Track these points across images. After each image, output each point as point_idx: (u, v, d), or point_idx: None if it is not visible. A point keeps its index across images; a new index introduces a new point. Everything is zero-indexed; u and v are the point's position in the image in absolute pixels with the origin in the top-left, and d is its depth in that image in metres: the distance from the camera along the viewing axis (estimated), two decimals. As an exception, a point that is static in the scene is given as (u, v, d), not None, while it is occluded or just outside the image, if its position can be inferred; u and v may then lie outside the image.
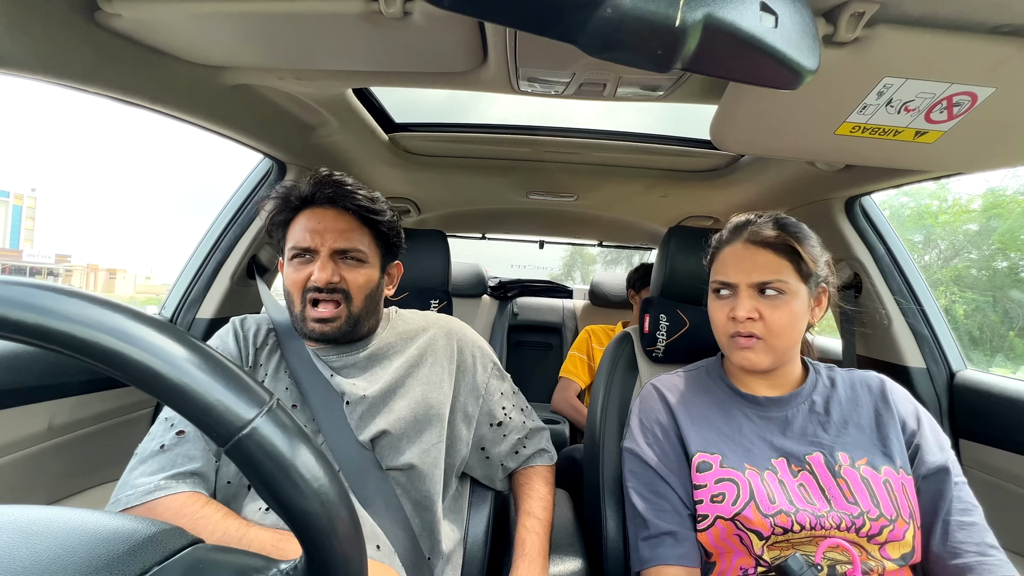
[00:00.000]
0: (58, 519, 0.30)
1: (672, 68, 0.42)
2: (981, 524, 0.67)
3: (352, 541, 0.30)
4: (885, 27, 0.58)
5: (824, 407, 0.75)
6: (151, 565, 0.28)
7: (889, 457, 0.70)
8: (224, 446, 0.27)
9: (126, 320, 0.27)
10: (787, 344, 0.73)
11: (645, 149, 1.32)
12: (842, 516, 0.66)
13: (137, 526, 0.31)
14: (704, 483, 0.72)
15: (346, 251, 0.74)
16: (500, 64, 0.81)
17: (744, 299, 0.73)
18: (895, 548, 0.66)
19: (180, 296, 1.24)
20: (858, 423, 0.74)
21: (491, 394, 0.86)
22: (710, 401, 0.80)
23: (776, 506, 0.67)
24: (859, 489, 0.68)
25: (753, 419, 0.76)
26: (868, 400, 0.76)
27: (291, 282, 0.74)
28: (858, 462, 0.70)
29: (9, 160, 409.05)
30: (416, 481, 0.74)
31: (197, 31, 0.75)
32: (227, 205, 1.31)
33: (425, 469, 0.74)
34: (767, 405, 0.77)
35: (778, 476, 0.71)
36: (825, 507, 0.67)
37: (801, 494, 0.69)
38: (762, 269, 0.73)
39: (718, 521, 0.69)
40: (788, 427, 0.75)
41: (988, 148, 0.79)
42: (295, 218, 0.76)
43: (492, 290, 2.70)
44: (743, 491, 0.69)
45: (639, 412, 0.83)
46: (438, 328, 0.85)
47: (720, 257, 0.79)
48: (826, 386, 0.78)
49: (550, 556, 0.82)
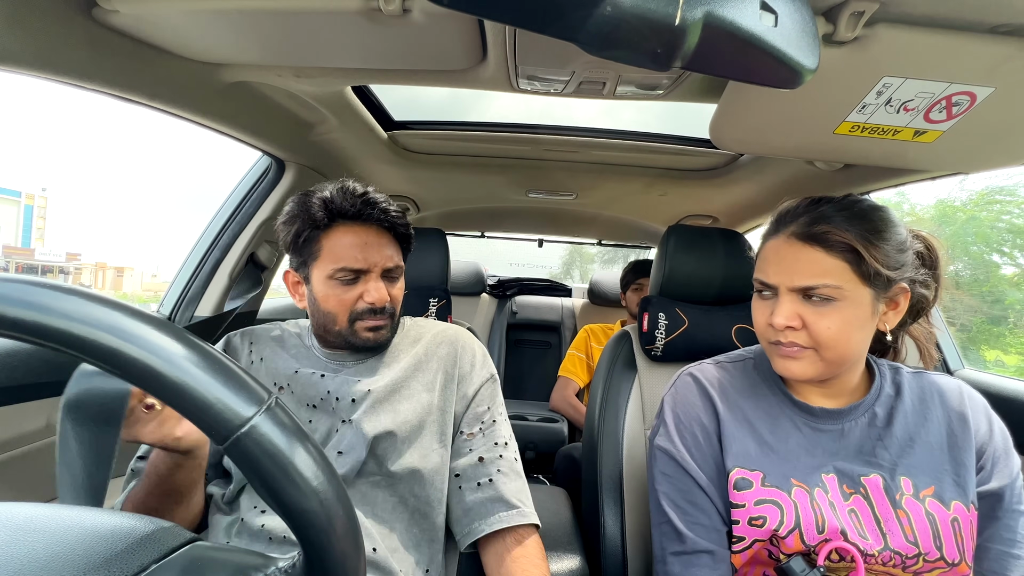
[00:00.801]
0: (56, 517, 0.30)
1: (672, 67, 0.42)
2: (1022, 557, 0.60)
3: (350, 539, 0.30)
4: (885, 26, 0.58)
5: (886, 419, 0.64)
6: (149, 563, 0.28)
7: (962, 488, 0.60)
8: (223, 444, 0.27)
9: (124, 318, 0.27)
10: (841, 355, 0.61)
11: (644, 148, 1.32)
12: (894, 555, 0.58)
13: (135, 523, 0.31)
14: (743, 503, 0.63)
15: (391, 270, 0.76)
16: (499, 62, 0.81)
17: (784, 304, 0.61)
18: None
19: (178, 294, 1.23)
20: (927, 441, 0.62)
21: (479, 403, 0.80)
22: (755, 404, 0.69)
23: (822, 535, 0.59)
24: (921, 526, 0.58)
25: (803, 429, 0.66)
26: (941, 413, 0.64)
27: (337, 302, 0.73)
28: (923, 492, 0.60)
29: (20, 160, 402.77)
30: (416, 487, 0.73)
31: (195, 28, 0.74)
32: (226, 203, 1.31)
33: (426, 474, 0.73)
34: (821, 416, 0.66)
35: (828, 496, 0.61)
36: (879, 543, 0.58)
37: (852, 522, 0.59)
38: (806, 271, 0.60)
39: (755, 543, 0.62)
40: (843, 441, 0.64)
41: (987, 148, 0.79)
42: (326, 234, 0.73)
43: (491, 289, 2.70)
44: (788, 516, 0.60)
45: (674, 406, 0.72)
46: (444, 335, 0.84)
47: (763, 252, 0.67)
48: (890, 395, 0.66)
49: (547, 554, 0.82)
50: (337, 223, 0.73)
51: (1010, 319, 3.16)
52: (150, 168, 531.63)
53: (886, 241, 0.60)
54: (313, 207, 0.72)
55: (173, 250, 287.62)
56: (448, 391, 0.78)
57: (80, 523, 0.29)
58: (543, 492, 1.16)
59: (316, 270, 0.73)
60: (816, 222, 0.61)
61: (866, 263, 0.58)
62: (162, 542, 0.30)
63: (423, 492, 0.73)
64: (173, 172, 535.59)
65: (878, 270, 0.59)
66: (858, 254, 0.59)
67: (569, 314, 2.57)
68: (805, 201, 0.65)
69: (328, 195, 0.72)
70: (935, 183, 1.11)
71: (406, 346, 0.82)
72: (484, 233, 2.58)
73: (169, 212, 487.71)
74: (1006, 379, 1.12)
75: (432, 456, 0.74)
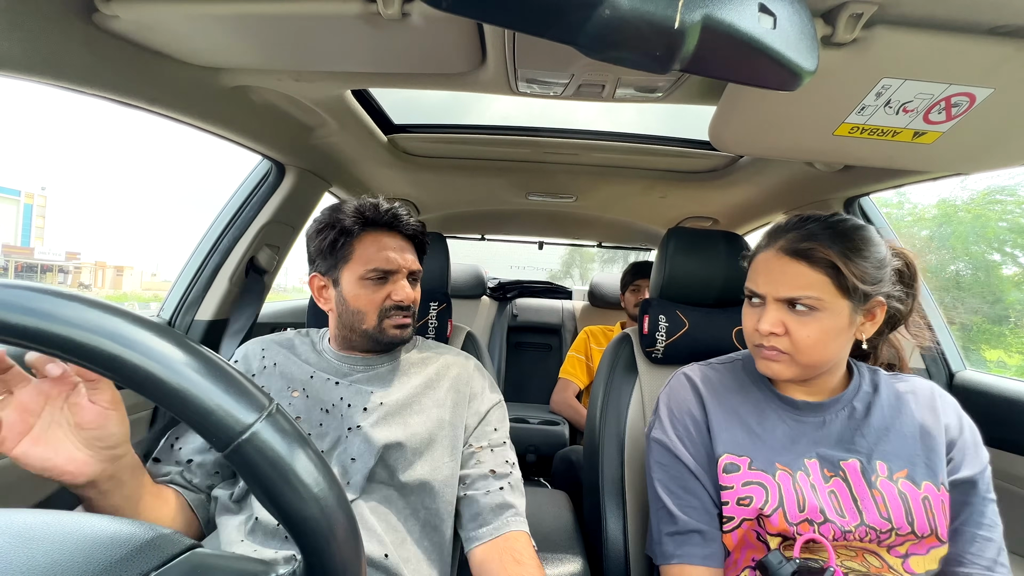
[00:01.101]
0: (55, 523, 0.30)
1: (671, 69, 0.42)
2: (998, 543, 0.66)
3: (351, 545, 0.30)
4: (883, 28, 0.58)
5: (864, 412, 0.71)
6: (149, 570, 0.28)
7: (932, 471, 0.66)
8: (224, 451, 0.27)
9: (125, 324, 0.27)
10: (817, 360, 0.68)
11: (644, 150, 1.32)
12: (870, 530, 0.64)
13: (135, 530, 0.30)
14: (731, 485, 0.69)
15: (415, 272, 0.84)
16: (499, 65, 0.81)
17: (771, 312, 0.68)
18: (920, 563, 0.64)
19: (179, 298, 1.23)
20: (901, 431, 0.69)
21: (489, 422, 0.84)
22: (743, 399, 0.76)
23: (803, 514, 0.65)
24: (894, 503, 0.64)
25: (787, 421, 0.73)
26: (914, 408, 0.71)
27: (367, 301, 0.79)
28: (897, 474, 0.66)
29: (19, 159, 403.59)
30: (427, 499, 0.74)
31: (195, 32, 0.75)
32: (226, 206, 1.31)
33: (436, 486, 0.74)
34: (804, 409, 0.73)
35: (810, 479, 0.67)
36: (855, 519, 0.64)
37: (831, 502, 0.66)
38: (791, 283, 0.66)
39: (744, 523, 0.68)
40: (825, 432, 0.71)
41: (986, 148, 0.79)
42: (359, 239, 0.80)
43: (491, 291, 2.70)
44: (772, 495, 0.67)
45: (669, 402, 0.80)
46: (456, 360, 0.88)
47: (754, 263, 0.73)
48: (868, 392, 0.73)
49: (549, 558, 0.82)
50: (368, 231, 0.80)
51: (1011, 319, 3.17)
52: (149, 167, 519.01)
53: (865, 259, 0.66)
54: (346, 216, 0.79)
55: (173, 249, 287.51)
56: (459, 408, 0.82)
57: (79, 530, 0.29)
58: (544, 495, 1.16)
59: (347, 272, 0.80)
60: (803, 239, 0.67)
61: (845, 278, 0.64)
62: (161, 549, 0.30)
63: (433, 504, 0.74)
64: (173, 170, 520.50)
65: (856, 285, 0.65)
66: (838, 269, 0.65)
67: (569, 316, 2.56)
68: (795, 218, 0.72)
69: (360, 206, 0.80)
70: (936, 183, 1.11)
71: (417, 363, 0.85)
72: (484, 236, 2.59)
73: (169, 211, 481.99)
74: (1005, 380, 1.12)
75: (443, 469, 0.76)
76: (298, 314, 1.74)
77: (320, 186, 1.46)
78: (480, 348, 1.11)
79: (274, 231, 1.34)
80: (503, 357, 2.41)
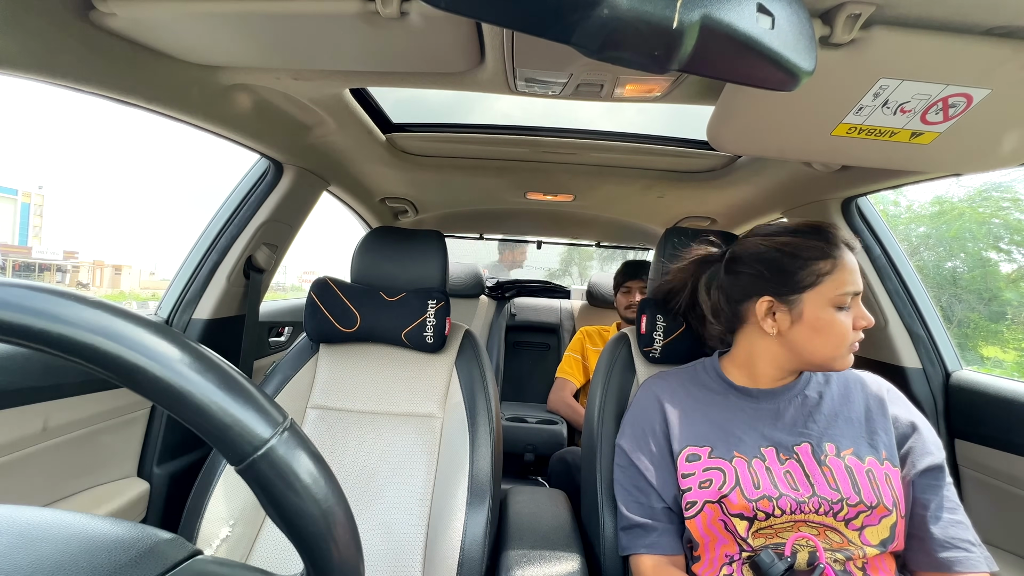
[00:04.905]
0: (59, 523, 0.30)
1: (670, 69, 0.42)
2: (966, 523, 0.71)
3: (352, 564, 0.30)
4: (881, 29, 0.59)
5: (816, 401, 0.79)
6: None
7: (874, 448, 0.74)
8: (238, 466, 0.27)
9: (152, 336, 0.27)
10: None
11: (643, 150, 1.32)
12: (822, 501, 0.70)
13: (139, 535, 0.30)
14: (692, 471, 0.76)
15: None
16: (497, 65, 0.81)
17: (860, 305, 0.75)
18: (874, 534, 0.70)
19: (176, 297, 1.23)
20: (848, 416, 0.77)
21: None
22: (704, 394, 0.84)
23: (760, 491, 0.71)
24: (842, 477, 0.71)
25: (746, 410, 0.80)
26: (860, 396, 0.79)
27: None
28: (843, 452, 0.73)
29: (16, 158, 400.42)
30: None
31: (193, 31, 0.74)
32: (223, 205, 1.31)
33: None
34: (760, 397, 0.80)
35: (766, 464, 0.74)
36: (808, 492, 0.71)
37: (787, 480, 0.72)
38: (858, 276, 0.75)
39: (706, 506, 0.74)
40: (779, 418, 0.78)
41: (984, 149, 0.79)
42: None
43: (490, 290, 2.70)
44: (729, 477, 0.73)
45: (632, 413, 0.88)
46: None
47: (840, 267, 0.74)
48: (820, 382, 0.81)
49: (547, 556, 0.82)
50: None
51: (1008, 315, 3.18)
52: (147, 165, 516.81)
53: None
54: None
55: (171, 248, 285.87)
56: None
57: (83, 531, 0.29)
58: (542, 494, 1.16)
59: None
60: (846, 234, 0.77)
61: None
62: (165, 555, 0.30)
63: None
64: (170, 169, 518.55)
65: None
66: None
67: (568, 315, 2.57)
68: (803, 221, 0.80)
69: None
70: (933, 182, 1.11)
71: None
72: (483, 235, 2.58)
73: (166, 210, 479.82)
74: (1001, 379, 1.13)
75: None
76: (296, 313, 1.74)
77: (318, 185, 1.45)
78: (478, 347, 1.11)
79: (272, 230, 1.34)
80: (501, 356, 2.41)
